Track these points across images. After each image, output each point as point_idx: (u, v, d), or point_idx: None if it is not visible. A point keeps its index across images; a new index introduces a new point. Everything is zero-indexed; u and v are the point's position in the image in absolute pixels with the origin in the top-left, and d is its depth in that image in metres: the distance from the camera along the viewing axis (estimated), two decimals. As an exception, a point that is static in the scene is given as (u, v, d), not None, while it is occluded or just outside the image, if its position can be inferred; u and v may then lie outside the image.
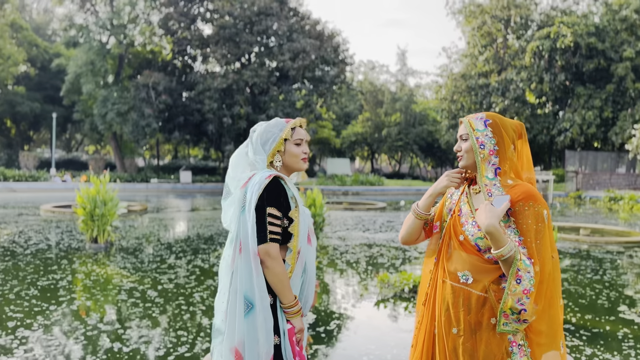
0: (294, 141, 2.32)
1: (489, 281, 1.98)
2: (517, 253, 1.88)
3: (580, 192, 28.07)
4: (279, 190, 2.20)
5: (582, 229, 12.00)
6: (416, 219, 2.23)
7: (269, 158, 2.31)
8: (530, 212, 1.94)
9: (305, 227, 2.27)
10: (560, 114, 39.16)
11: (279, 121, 2.37)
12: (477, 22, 41.41)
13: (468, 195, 2.14)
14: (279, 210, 2.18)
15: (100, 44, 31.94)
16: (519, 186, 2.01)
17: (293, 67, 31.17)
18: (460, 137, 2.14)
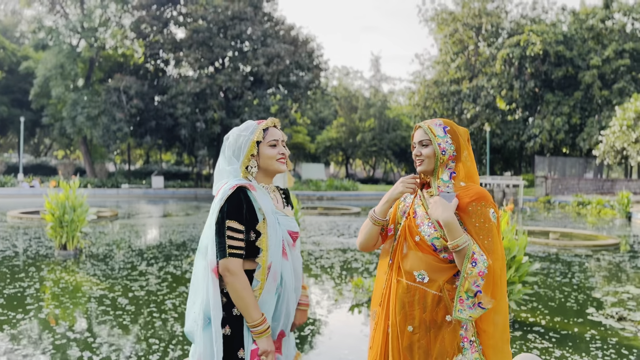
0: (267, 143, 2.21)
1: (443, 280, 2.06)
2: (472, 243, 1.99)
3: (550, 197, 28.68)
4: (240, 202, 2.07)
5: (552, 233, 12.25)
6: (373, 225, 2.24)
7: (244, 164, 2.20)
8: (482, 212, 2.05)
9: (278, 240, 2.13)
10: (530, 120, 40.00)
11: (249, 124, 2.26)
12: (449, 29, 42.08)
13: (422, 199, 2.20)
14: (241, 223, 2.06)
15: (70, 47, 31.29)
16: (471, 188, 2.13)
17: (267, 71, 31.11)
18: (420, 143, 2.19)
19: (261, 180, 2.25)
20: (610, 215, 20.67)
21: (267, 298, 2.12)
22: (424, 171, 2.18)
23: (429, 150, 2.16)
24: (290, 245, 2.21)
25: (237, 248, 2.06)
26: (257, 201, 2.11)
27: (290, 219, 2.26)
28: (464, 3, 41.40)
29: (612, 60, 35.72)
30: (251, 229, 2.10)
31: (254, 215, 2.10)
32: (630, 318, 5.77)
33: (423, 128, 2.19)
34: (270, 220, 2.11)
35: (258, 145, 2.20)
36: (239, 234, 2.06)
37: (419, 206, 2.20)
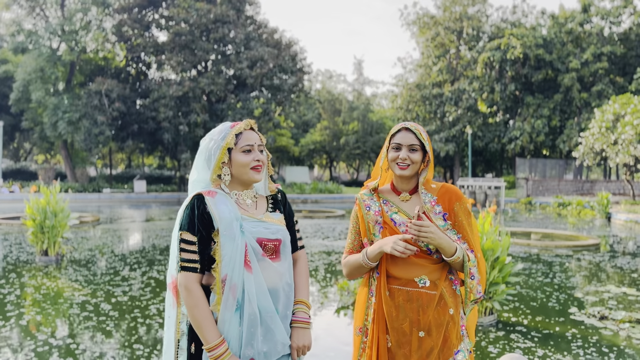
0: (240, 149, 2.01)
1: (442, 280, 2.14)
2: (465, 254, 2.12)
3: (531, 198, 29.04)
4: (192, 211, 1.92)
5: (533, 234, 12.41)
6: (365, 267, 2.19)
7: (215, 172, 2.02)
8: (465, 209, 2.20)
9: (237, 249, 1.89)
10: (511, 122, 40.47)
11: (223, 127, 2.06)
12: (430, 33, 42.41)
13: (395, 205, 2.22)
14: (193, 234, 1.91)
15: (50, 50, 30.82)
16: (447, 188, 2.22)
17: (251, 75, 31.00)
18: (409, 147, 2.16)
19: (234, 188, 2.08)
20: (590, 215, 21.00)
21: (226, 316, 1.89)
22: (407, 176, 2.17)
23: (417, 156, 2.15)
24: (259, 255, 1.95)
25: (189, 261, 1.91)
26: (212, 208, 1.93)
27: (267, 225, 2.02)
28: (445, 7, 41.79)
29: (590, 64, 36.33)
30: (211, 239, 1.94)
31: (210, 224, 1.93)
32: (612, 317, 5.87)
33: (413, 131, 2.17)
34: (224, 227, 1.91)
35: (230, 152, 2.02)
36: (191, 245, 1.91)
37: (394, 213, 2.21)
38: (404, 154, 2.14)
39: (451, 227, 2.18)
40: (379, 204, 2.24)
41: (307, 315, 2.10)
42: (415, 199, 2.24)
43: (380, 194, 2.28)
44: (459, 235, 2.18)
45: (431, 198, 2.20)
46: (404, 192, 2.25)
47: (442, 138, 39.77)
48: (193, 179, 2.09)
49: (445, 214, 2.19)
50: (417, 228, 2.02)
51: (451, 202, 2.19)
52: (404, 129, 2.19)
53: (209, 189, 2.00)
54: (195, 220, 1.91)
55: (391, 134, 2.23)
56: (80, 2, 31.24)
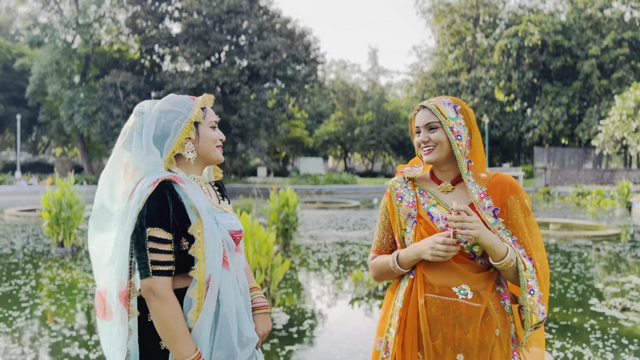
0: (208, 124, 1.76)
1: (488, 291, 1.75)
2: (519, 259, 1.72)
3: (549, 188, 28.62)
4: (164, 202, 1.60)
5: (552, 224, 12.20)
6: (396, 273, 1.87)
7: (175, 150, 1.70)
8: (521, 204, 1.81)
9: (218, 244, 1.66)
10: (529, 111, 39.89)
11: (181, 99, 1.77)
12: (446, 20, 41.87)
13: (433, 197, 1.87)
14: (167, 230, 1.60)
15: (65, 44, 31.10)
16: (500, 178, 1.84)
17: (264, 65, 30.91)
18: (427, 126, 1.84)
19: (191, 172, 1.77)
20: (610, 205, 20.62)
21: (205, 322, 1.64)
22: (434, 161, 1.83)
23: (439, 135, 1.80)
24: (232, 249, 1.75)
25: (164, 264, 1.60)
26: (189, 197, 1.63)
27: (230, 216, 1.82)
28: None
29: (610, 50, 35.56)
30: (182, 235, 1.64)
31: (184, 217, 1.63)
32: (634, 308, 5.71)
33: (429, 108, 1.83)
34: (206, 220, 1.64)
35: (197, 127, 1.74)
36: (166, 244, 1.60)
37: (432, 206, 1.85)
38: (423, 136, 1.83)
39: (504, 227, 1.79)
40: (414, 194, 1.90)
41: (264, 299, 1.94)
42: (459, 190, 1.87)
43: (416, 183, 1.93)
44: (514, 237, 1.78)
45: (479, 189, 1.81)
46: (445, 180, 1.89)
47: (459, 127, 39.28)
48: (140, 158, 1.67)
49: (497, 210, 1.79)
50: (459, 219, 1.65)
51: (504, 194, 1.80)
52: (420, 107, 1.89)
53: (171, 174, 1.66)
54: (171, 213, 1.60)
55: (411, 118, 1.94)
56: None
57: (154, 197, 1.59)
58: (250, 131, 32.64)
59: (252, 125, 31.92)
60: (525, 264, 1.71)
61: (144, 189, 1.60)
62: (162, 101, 1.75)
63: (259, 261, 5.08)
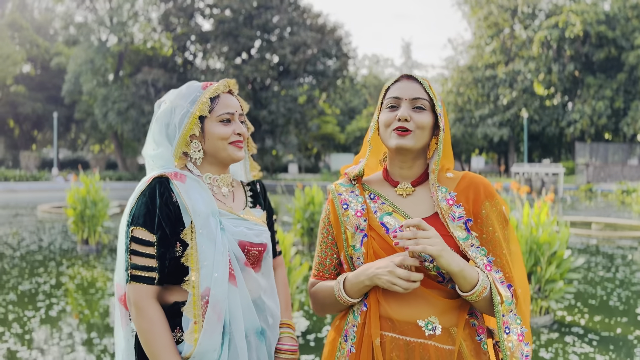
0: (216, 118, 1.51)
1: (460, 328, 1.36)
2: (494, 288, 1.33)
3: (591, 185, 27.51)
4: (151, 200, 1.42)
5: (595, 224, 11.56)
6: (343, 304, 1.45)
7: (180, 148, 1.50)
8: (495, 214, 1.41)
9: (220, 255, 1.42)
10: (570, 105, 38.61)
11: (191, 87, 1.54)
12: (483, 12, 40.83)
13: (387, 202, 1.45)
14: (151, 231, 1.40)
15: (99, 42, 31.76)
16: (466, 177, 1.45)
17: (294, 60, 30.84)
18: (413, 102, 1.40)
19: (207, 170, 1.57)
20: (657, 203, 19.56)
21: (208, 346, 1.39)
22: (408, 149, 1.40)
23: (424, 118, 1.40)
24: (242, 263, 1.48)
25: (143, 269, 1.40)
26: (182, 196, 1.43)
27: (250, 225, 1.53)
28: (499, -16, 40.07)
29: (658, 40, 33.90)
30: (177, 239, 1.43)
31: (179, 218, 1.43)
32: (686, 319, 5.19)
33: (419, 81, 1.43)
34: (201, 224, 1.42)
35: (202, 122, 1.51)
36: (148, 247, 1.40)
37: (387, 214, 1.43)
38: (404, 112, 1.38)
39: (478, 243, 1.40)
40: (363, 200, 1.48)
41: (295, 342, 1.63)
42: (421, 194, 1.46)
43: (365, 185, 1.52)
44: (489, 256, 1.39)
45: (447, 193, 1.43)
46: (403, 181, 1.47)
47: (496, 122, 38.34)
48: (151, 154, 1.54)
49: (469, 221, 1.40)
50: (410, 235, 1.26)
51: (478, 201, 1.41)
52: (404, 76, 1.45)
53: (173, 170, 1.48)
54: (157, 212, 1.40)
55: (386, 87, 1.48)
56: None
57: (145, 194, 1.44)
58: (279, 127, 32.65)
59: (281, 122, 31.93)
60: (501, 295, 1.33)
61: (141, 184, 1.47)
62: (174, 91, 1.57)
63: (276, 263, 4.80)
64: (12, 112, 38.41)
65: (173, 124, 1.51)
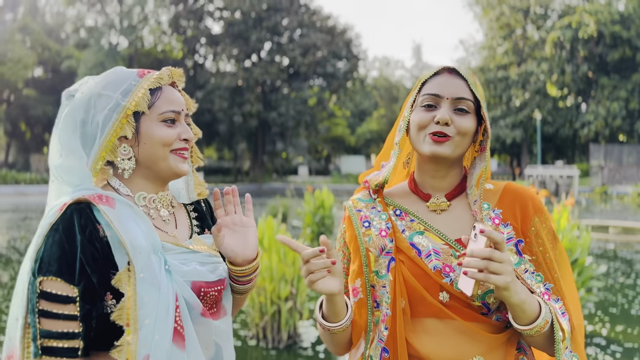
0: (158, 116, 1.13)
1: None
2: (556, 322, 1.12)
3: (606, 187, 27.08)
4: (69, 236, 1.01)
5: (612, 228, 11.26)
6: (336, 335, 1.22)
7: (103, 155, 1.11)
8: (544, 232, 1.20)
9: (166, 305, 1.04)
10: (584, 106, 38.18)
11: (121, 73, 1.16)
12: (495, 13, 40.51)
13: (417, 220, 1.22)
14: (71, 282, 1.00)
15: (110, 45, 31.97)
16: (508, 188, 1.23)
17: (304, 62, 30.88)
18: (456, 102, 1.17)
19: (141, 188, 1.16)
20: (675, 206, 19.14)
21: None
22: (446, 157, 1.18)
23: (468, 123, 1.17)
24: (197, 313, 1.11)
25: (60, 337, 1.00)
26: (115, 227, 1.03)
27: (203, 258, 1.16)
28: (510, -15, 39.73)
29: (674, 40, 33.38)
30: (106, 289, 1.04)
31: (108, 259, 1.04)
32: None
33: (465, 77, 1.20)
34: (142, 265, 1.03)
35: (137, 120, 1.12)
36: (66, 305, 1.00)
37: (418, 234, 1.20)
38: (444, 113, 1.15)
39: (532, 268, 1.18)
40: (388, 217, 1.25)
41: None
42: (458, 209, 1.23)
43: (388, 199, 1.28)
44: (547, 283, 1.17)
45: (490, 210, 1.20)
46: (436, 194, 1.24)
47: (508, 124, 37.97)
48: (56, 165, 1.11)
49: (520, 242, 1.18)
50: (487, 255, 1.01)
51: (526, 217, 1.19)
52: (446, 69, 1.21)
53: (95, 191, 1.07)
54: (77, 254, 1.01)
55: (422, 80, 1.24)
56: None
57: (57, 229, 1.01)
58: (289, 130, 32.64)
59: (291, 124, 31.95)
60: (564, 330, 1.12)
61: (49, 215, 1.05)
62: (96, 78, 1.16)
63: (285, 271, 4.63)
64: (23, 115, 38.72)
65: (94, 122, 1.11)
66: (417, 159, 1.27)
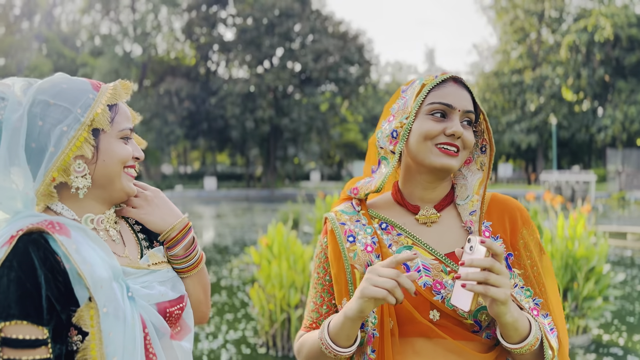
0: (117, 133, 1.05)
1: None
2: (545, 341, 1.08)
3: (624, 193, 26.60)
4: (29, 273, 0.91)
5: (630, 234, 11.00)
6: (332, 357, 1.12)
7: (54, 175, 0.99)
8: (532, 244, 1.16)
9: (132, 336, 0.96)
10: (600, 110, 37.69)
11: (74, 86, 1.04)
12: (509, 17, 40.23)
13: (405, 233, 1.16)
14: (37, 321, 0.90)
15: (124, 53, 32.37)
16: (497, 201, 1.19)
17: (316, 68, 30.95)
18: (464, 115, 1.13)
19: (87, 210, 1.05)
20: (696, 211, 18.72)
21: None
22: (451, 170, 1.14)
23: (471, 137, 1.14)
24: (166, 337, 1.05)
25: None
26: (73, 259, 0.93)
27: (162, 275, 1.09)
28: (524, -12, 39.42)
29: (693, 42, 32.85)
30: (71, 324, 0.95)
31: (69, 293, 0.94)
32: None
33: (468, 85, 1.16)
34: (105, 298, 0.94)
35: (97, 136, 1.02)
36: (36, 349, 0.90)
37: (405, 248, 1.14)
38: (459, 126, 1.10)
39: (522, 282, 1.13)
40: (373, 231, 1.18)
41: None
42: (447, 220, 1.18)
43: (372, 211, 1.22)
44: (536, 298, 1.13)
45: (480, 223, 1.16)
46: (425, 205, 1.19)
47: (523, 129, 37.58)
48: None
49: (510, 255, 1.14)
50: (487, 265, 0.97)
51: (515, 229, 1.16)
52: (452, 79, 1.15)
53: (43, 217, 0.97)
54: (43, 293, 0.91)
55: (427, 86, 1.15)
56: (151, 3, 32.55)
57: (11, 265, 0.90)
58: (301, 135, 32.68)
59: (303, 129, 31.99)
60: (552, 349, 1.08)
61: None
62: (41, 84, 1.02)
63: (294, 279, 4.56)
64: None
65: (42, 135, 0.98)
66: (407, 169, 1.20)
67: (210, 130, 33.62)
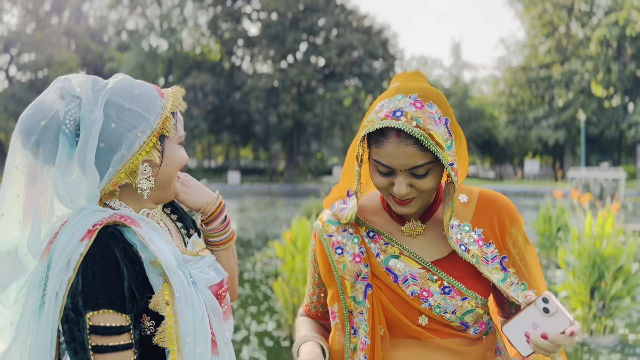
0: (177, 138, 1.11)
1: None
2: None
3: (655, 190, 25.94)
4: (112, 264, 0.97)
5: (661, 233, 10.72)
6: None
7: (120, 177, 1.03)
8: (521, 239, 1.20)
9: (201, 319, 1.04)
10: (631, 106, 36.79)
11: (145, 92, 1.07)
12: (537, 10, 39.44)
13: (392, 242, 1.18)
14: (121, 309, 0.97)
15: (150, 48, 32.81)
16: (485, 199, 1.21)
17: (340, 63, 30.86)
18: (412, 174, 1.08)
19: (140, 206, 1.10)
20: None
21: None
22: (410, 215, 1.18)
23: (430, 182, 1.09)
24: (220, 319, 1.13)
25: None
26: (149, 249, 0.99)
27: (209, 260, 1.16)
28: (554, -19, 38.58)
29: None
30: (144, 311, 1.02)
31: (143, 282, 1.01)
32: None
33: (416, 137, 1.04)
34: (178, 283, 1.01)
35: (162, 141, 1.07)
36: (121, 336, 0.97)
37: (393, 257, 1.16)
38: (401, 188, 1.08)
39: (517, 279, 1.16)
40: (361, 240, 1.20)
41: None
42: (433, 230, 1.19)
43: (360, 219, 1.23)
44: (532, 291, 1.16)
45: (472, 232, 1.17)
46: (410, 217, 1.20)
47: (551, 124, 36.88)
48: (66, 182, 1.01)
49: (504, 258, 1.17)
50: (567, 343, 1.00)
51: (504, 231, 1.18)
52: (393, 134, 1.06)
53: (109, 212, 1.02)
54: (125, 283, 0.97)
55: (369, 132, 1.10)
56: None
57: (94, 258, 0.95)
58: (324, 130, 32.68)
59: (326, 124, 31.97)
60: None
61: (72, 245, 0.96)
62: (114, 86, 1.04)
63: (316, 273, 4.58)
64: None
65: (115, 137, 1.01)
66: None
67: (234, 125, 33.86)
